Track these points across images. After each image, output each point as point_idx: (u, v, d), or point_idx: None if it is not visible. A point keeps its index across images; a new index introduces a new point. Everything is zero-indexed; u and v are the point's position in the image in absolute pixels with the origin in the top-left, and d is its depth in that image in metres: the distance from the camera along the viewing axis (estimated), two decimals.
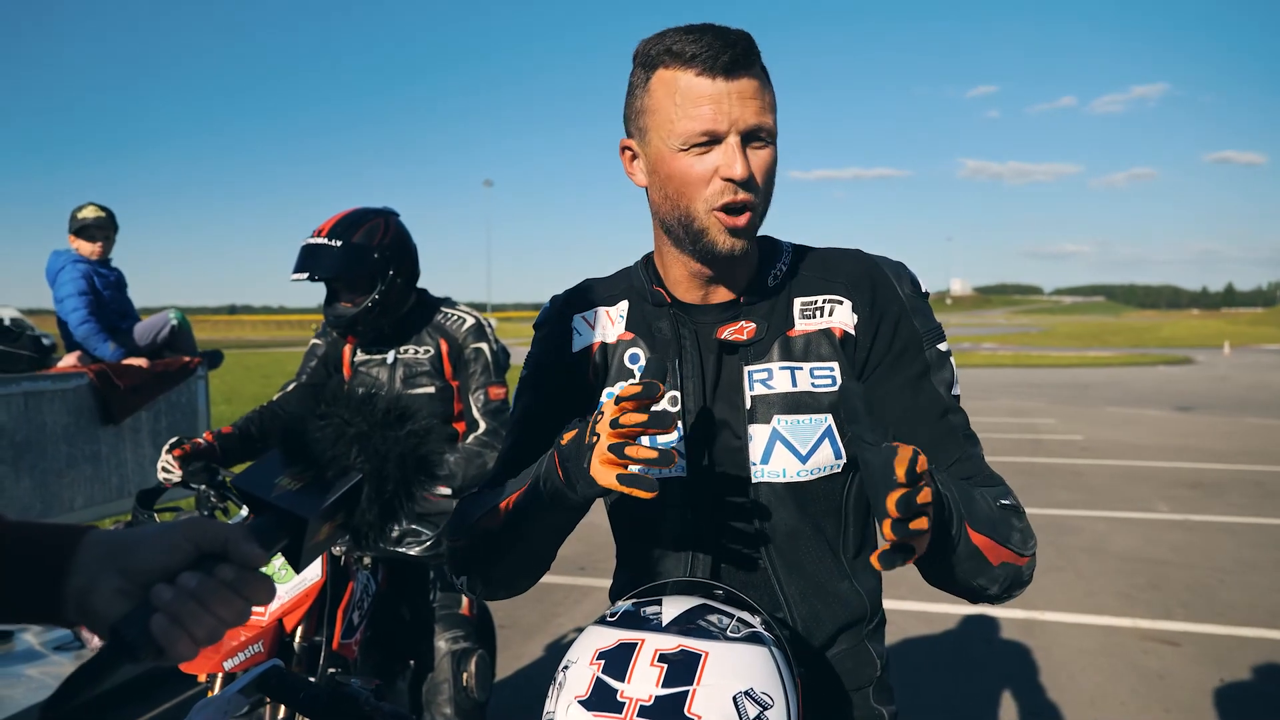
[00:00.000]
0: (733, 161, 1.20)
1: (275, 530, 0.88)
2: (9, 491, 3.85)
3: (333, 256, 2.66)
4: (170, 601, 0.80)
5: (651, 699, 1.01)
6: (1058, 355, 37.60)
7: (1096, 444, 11.84)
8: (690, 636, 1.07)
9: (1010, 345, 48.22)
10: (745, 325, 1.33)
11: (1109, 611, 5.19)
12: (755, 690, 1.03)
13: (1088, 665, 4.40)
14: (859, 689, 1.42)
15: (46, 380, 4.09)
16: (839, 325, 1.32)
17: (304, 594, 2.31)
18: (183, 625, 0.80)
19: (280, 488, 0.88)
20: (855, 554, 1.41)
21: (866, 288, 1.34)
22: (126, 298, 4.96)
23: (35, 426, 3.99)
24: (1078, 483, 9.14)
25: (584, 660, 1.08)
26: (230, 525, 0.87)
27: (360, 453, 0.90)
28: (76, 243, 4.74)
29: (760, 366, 1.32)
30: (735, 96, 1.20)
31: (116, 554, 0.84)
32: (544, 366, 1.46)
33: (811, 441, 1.31)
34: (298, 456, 0.89)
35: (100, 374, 4.32)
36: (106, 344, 4.59)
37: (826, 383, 1.31)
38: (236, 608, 0.84)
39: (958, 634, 4.88)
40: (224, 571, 0.83)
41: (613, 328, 1.41)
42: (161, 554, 0.83)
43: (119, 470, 4.40)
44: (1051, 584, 5.71)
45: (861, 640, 1.42)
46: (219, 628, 0.83)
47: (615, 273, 1.48)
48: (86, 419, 4.26)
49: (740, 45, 1.20)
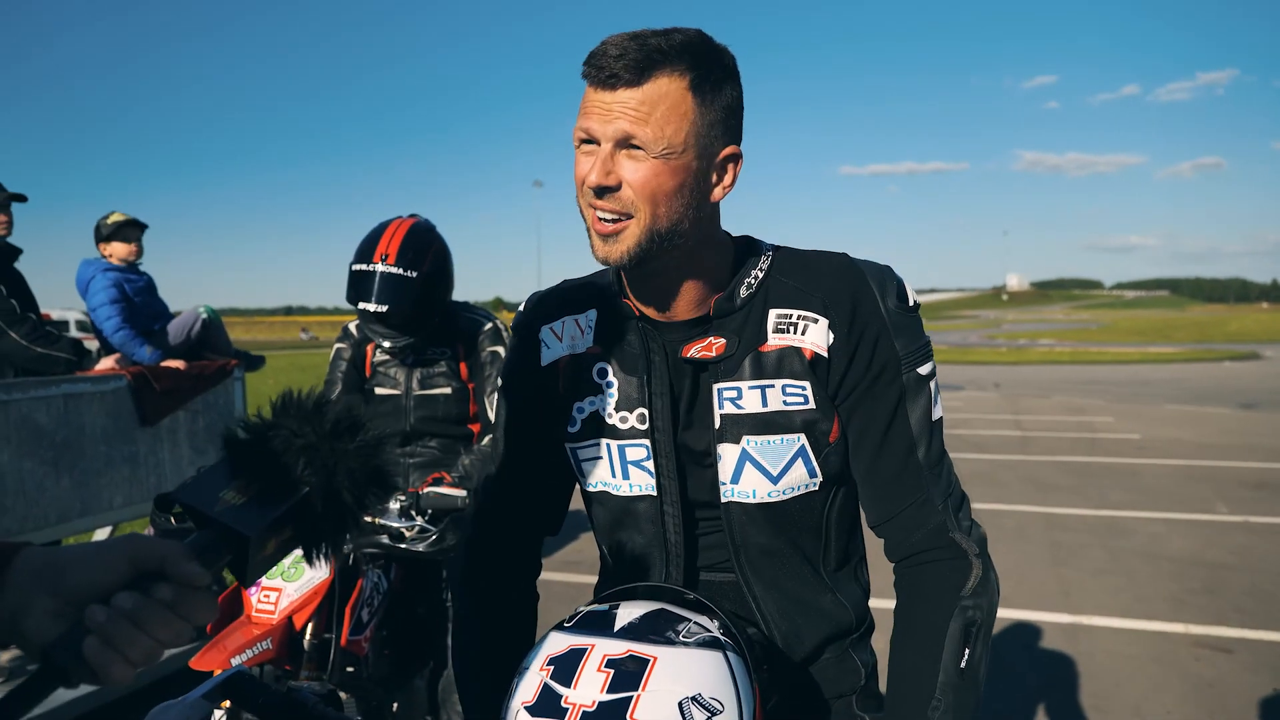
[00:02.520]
0: (588, 168, 1.19)
1: (217, 547, 0.84)
2: (49, 491, 3.93)
3: (410, 290, 2.67)
4: (104, 623, 0.77)
5: (595, 704, 1.00)
6: (1118, 351, 36.68)
7: (1155, 443, 11.50)
8: (640, 641, 1.06)
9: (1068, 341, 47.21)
10: (714, 341, 1.28)
11: (1160, 616, 5.01)
12: (704, 696, 1.01)
13: (1134, 672, 4.26)
14: (840, 696, 1.40)
15: (86, 382, 4.17)
16: (810, 346, 1.26)
17: (313, 591, 2.32)
18: (116, 648, 0.77)
19: (225, 501, 0.85)
20: (838, 567, 1.38)
21: (846, 304, 1.27)
22: (158, 299, 5.05)
23: (74, 428, 4.07)
24: (1133, 483, 8.88)
25: (535, 666, 1.07)
26: (169, 542, 0.84)
27: (308, 465, 0.86)
28: (106, 249, 4.83)
29: (730, 384, 1.28)
30: (613, 106, 1.17)
31: (49, 574, 0.81)
32: (515, 374, 1.45)
33: (783, 462, 1.28)
34: (243, 468, 0.86)
35: (138, 376, 4.39)
36: (143, 348, 4.67)
37: (799, 400, 1.27)
38: (174, 628, 0.80)
39: (997, 639, 4.75)
40: (161, 591, 0.80)
41: (581, 339, 1.38)
42: (96, 573, 0.80)
43: (156, 471, 4.47)
44: (1099, 588, 5.54)
45: (845, 650, 1.40)
46: (155, 649, 0.79)
47: (591, 274, 1.45)
48: (124, 420, 4.33)
49: (629, 57, 1.15)
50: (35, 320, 4.09)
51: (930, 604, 1.26)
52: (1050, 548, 6.49)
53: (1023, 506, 7.76)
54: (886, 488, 1.29)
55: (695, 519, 1.35)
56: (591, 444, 1.35)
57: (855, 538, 1.40)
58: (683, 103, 1.17)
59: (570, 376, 1.38)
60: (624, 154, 1.18)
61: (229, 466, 0.87)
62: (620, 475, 1.34)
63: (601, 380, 1.35)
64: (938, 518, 1.27)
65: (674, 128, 1.17)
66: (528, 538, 1.49)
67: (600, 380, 1.35)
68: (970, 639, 1.23)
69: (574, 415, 1.37)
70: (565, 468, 1.41)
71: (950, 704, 1.21)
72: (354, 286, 2.70)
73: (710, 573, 1.36)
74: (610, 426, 1.34)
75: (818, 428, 1.27)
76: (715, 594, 1.34)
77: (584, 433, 1.36)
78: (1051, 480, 9.05)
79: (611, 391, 1.34)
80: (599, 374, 1.35)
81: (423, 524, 2.46)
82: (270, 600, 2.28)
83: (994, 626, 1.28)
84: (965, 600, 1.24)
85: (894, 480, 1.28)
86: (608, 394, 1.34)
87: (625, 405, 1.33)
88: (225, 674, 1.09)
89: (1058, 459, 10.21)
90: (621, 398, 1.33)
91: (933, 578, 1.27)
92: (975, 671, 1.23)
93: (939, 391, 1.31)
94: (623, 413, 1.33)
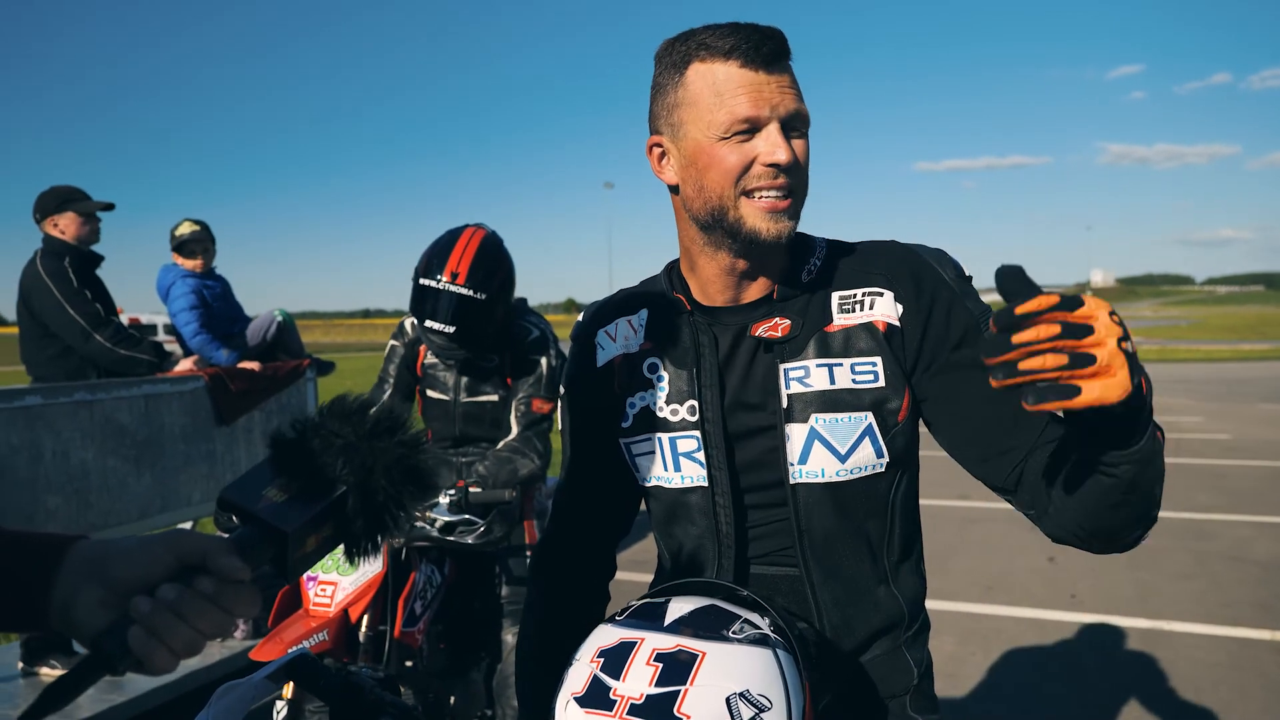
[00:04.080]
0: (775, 146, 1.20)
1: (257, 542, 0.87)
2: (131, 488, 4.10)
3: (478, 310, 2.67)
4: (148, 614, 0.80)
5: (643, 697, 1.01)
6: (1208, 349, 35.23)
7: (1245, 443, 11.02)
8: (690, 637, 1.07)
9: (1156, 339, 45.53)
10: (779, 322, 1.30)
11: (1245, 623, 4.81)
12: (752, 692, 1.01)
13: (1217, 680, 4.09)
14: (894, 697, 1.38)
15: (165, 383, 4.34)
16: (881, 318, 1.28)
17: (367, 584, 2.38)
18: (159, 637, 0.80)
19: (267, 499, 0.88)
20: (900, 558, 1.36)
21: (908, 277, 1.29)
22: (235, 303, 5.26)
23: (155, 427, 4.24)
24: (1220, 485, 8.53)
25: (585, 658, 1.09)
26: (211, 537, 0.87)
27: (346, 464, 0.89)
28: (179, 259, 5.05)
29: (796, 364, 1.29)
30: (775, 85, 1.21)
31: (99, 565, 0.85)
32: (574, 381, 1.50)
33: (851, 440, 1.27)
34: (286, 467, 0.89)
35: (215, 378, 4.57)
36: (220, 351, 4.87)
37: (868, 378, 1.27)
38: (215, 620, 0.83)
39: (1072, 643, 4.61)
40: (203, 584, 0.83)
41: (634, 337, 1.42)
42: (142, 566, 0.84)
43: (233, 468, 4.63)
44: (1182, 592, 5.34)
45: (898, 647, 1.38)
46: (197, 640, 0.83)
47: (643, 281, 1.49)
48: (202, 419, 4.50)
49: (777, 39, 1.22)
50: (118, 324, 4.28)
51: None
52: (1129, 551, 6.28)
53: None
54: (1006, 437, 1.23)
55: (747, 510, 1.35)
56: (644, 438, 1.38)
57: (918, 528, 1.39)
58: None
59: (625, 374, 1.41)
60: (790, 134, 1.23)
61: (273, 465, 0.90)
62: (672, 468, 1.36)
63: (653, 375, 1.38)
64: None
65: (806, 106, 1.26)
66: (599, 537, 1.53)
67: (651, 375, 1.38)
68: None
69: (627, 411, 1.40)
70: (628, 467, 1.44)
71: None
72: (421, 302, 2.68)
73: (762, 565, 1.36)
74: (662, 420, 1.36)
75: (886, 406, 1.27)
76: (768, 588, 1.35)
77: (637, 427, 1.38)
78: None
79: (662, 385, 1.36)
80: (650, 369, 1.38)
81: (469, 516, 2.50)
82: (326, 594, 2.35)
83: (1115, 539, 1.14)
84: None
85: (1015, 424, 1.22)
86: (659, 388, 1.37)
87: (676, 398, 1.35)
88: (288, 656, 1.14)
89: None
90: (672, 390, 1.35)
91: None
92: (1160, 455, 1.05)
93: None
94: (673, 405, 1.35)
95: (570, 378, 1.50)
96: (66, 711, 3.31)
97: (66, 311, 4.10)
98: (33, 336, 4.19)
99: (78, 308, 4.11)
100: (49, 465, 3.73)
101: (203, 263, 5.06)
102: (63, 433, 3.79)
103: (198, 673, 3.79)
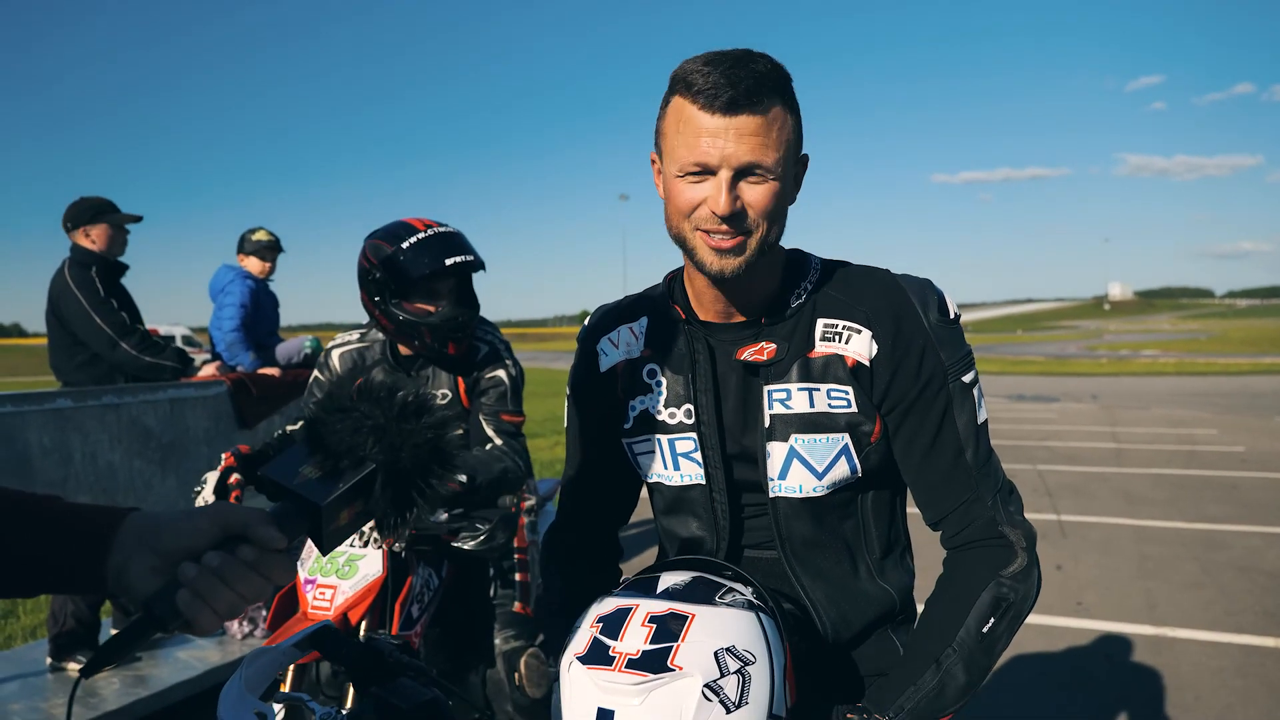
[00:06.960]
0: (718, 197, 1.23)
1: (294, 516, 0.96)
2: (156, 489, 4.23)
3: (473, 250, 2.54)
4: (194, 579, 0.90)
5: (639, 653, 1.11)
6: (1227, 362, 34.94)
7: (1259, 456, 10.97)
8: (680, 601, 1.17)
9: (1173, 352, 45.17)
10: (765, 346, 1.37)
11: (1250, 630, 4.83)
12: (738, 648, 1.11)
13: (1219, 685, 4.13)
14: (879, 674, 1.45)
15: (190, 388, 4.47)
16: (852, 355, 1.35)
17: (366, 589, 2.37)
18: (205, 600, 0.90)
19: (302, 476, 0.96)
20: (883, 554, 1.45)
21: (889, 318, 1.34)
22: (277, 318, 5.51)
23: (180, 430, 4.37)
24: (1232, 496, 8.51)
25: (586, 624, 1.19)
26: (252, 509, 0.96)
27: (376, 444, 0.97)
28: (246, 261, 5.29)
29: (779, 386, 1.37)
30: (732, 133, 1.22)
31: (150, 534, 0.94)
32: (579, 384, 1.57)
33: (828, 459, 1.36)
34: (320, 447, 0.97)
35: (237, 382, 4.70)
36: (247, 354, 5.05)
37: (842, 404, 1.35)
38: (255, 585, 0.93)
39: (1077, 650, 4.66)
40: (245, 552, 0.92)
41: (635, 344, 1.49)
42: (189, 536, 0.93)
43: None
44: (1189, 600, 5.37)
45: (886, 632, 1.46)
46: (239, 603, 0.92)
47: (645, 289, 1.57)
48: (225, 423, 4.63)
49: (747, 83, 1.21)
50: (144, 332, 4.40)
51: (970, 573, 1.33)
52: (1138, 560, 6.30)
53: (1112, 519, 7.53)
54: (939, 489, 1.36)
55: (743, 505, 1.45)
56: (645, 439, 1.47)
57: (896, 526, 1.47)
58: (786, 124, 1.26)
59: (626, 379, 1.50)
60: (745, 180, 1.25)
61: (308, 445, 0.98)
62: (671, 466, 1.45)
63: (652, 380, 1.46)
64: (988, 513, 1.34)
65: (785, 149, 1.25)
66: (602, 527, 1.64)
67: (650, 380, 1.46)
68: (999, 612, 1.29)
69: (629, 413, 1.49)
70: (629, 464, 1.53)
71: (963, 659, 1.27)
72: (423, 252, 2.42)
73: (755, 550, 1.46)
74: (660, 422, 1.45)
75: (860, 429, 1.35)
76: (758, 569, 1.44)
77: (638, 429, 1.47)
78: (1144, 493, 8.75)
79: (661, 390, 1.45)
80: (649, 375, 1.47)
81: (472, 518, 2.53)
82: (325, 597, 2.34)
83: (1027, 616, 1.32)
84: (1004, 579, 1.30)
85: (946, 481, 1.36)
86: (658, 392, 1.45)
87: (673, 402, 1.43)
88: (313, 627, 1.22)
89: (1153, 471, 9.84)
90: (670, 395, 1.44)
91: (978, 557, 1.34)
92: (994, 643, 1.28)
93: (983, 396, 1.39)
94: (671, 409, 1.44)
95: (576, 382, 1.59)
96: (93, 705, 3.44)
97: (93, 320, 4.21)
98: (61, 344, 4.31)
99: (104, 316, 4.23)
100: (79, 466, 3.85)
101: (269, 268, 5.33)
102: (91, 435, 3.92)
103: (219, 669, 3.89)
